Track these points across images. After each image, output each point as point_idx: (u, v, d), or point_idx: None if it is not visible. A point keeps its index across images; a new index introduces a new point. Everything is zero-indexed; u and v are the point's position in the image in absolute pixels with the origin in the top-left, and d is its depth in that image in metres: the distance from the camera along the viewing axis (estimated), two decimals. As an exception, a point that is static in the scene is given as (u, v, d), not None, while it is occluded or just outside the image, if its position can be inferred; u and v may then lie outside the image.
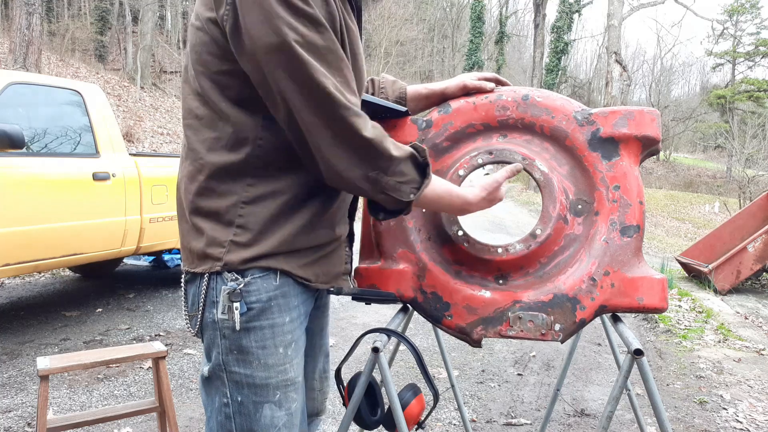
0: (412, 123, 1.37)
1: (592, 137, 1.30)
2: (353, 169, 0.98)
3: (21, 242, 3.44)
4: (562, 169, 1.31)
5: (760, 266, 6.32)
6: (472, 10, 29.43)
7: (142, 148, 12.09)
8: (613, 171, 1.29)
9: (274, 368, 1.03)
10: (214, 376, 1.04)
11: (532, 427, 2.75)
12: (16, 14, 9.71)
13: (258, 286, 1.01)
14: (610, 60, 17.12)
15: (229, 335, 1.01)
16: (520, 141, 1.33)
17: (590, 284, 1.26)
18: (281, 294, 1.03)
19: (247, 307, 1.00)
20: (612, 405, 1.22)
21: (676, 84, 49.16)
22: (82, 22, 22.42)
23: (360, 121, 0.96)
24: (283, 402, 1.05)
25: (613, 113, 1.31)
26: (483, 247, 1.29)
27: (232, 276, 1.00)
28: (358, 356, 3.36)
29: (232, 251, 0.99)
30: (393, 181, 1.01)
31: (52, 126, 3.87)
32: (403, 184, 1.02)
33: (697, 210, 20.48)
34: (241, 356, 1.02)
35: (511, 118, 1.33)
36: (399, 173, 1.01)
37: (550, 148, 1.32)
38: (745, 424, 2.88)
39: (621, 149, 1.30)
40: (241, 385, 1.02)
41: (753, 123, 22.87)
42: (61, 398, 2.86)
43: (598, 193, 1.29)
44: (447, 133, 1.35)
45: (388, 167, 1.00)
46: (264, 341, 1.02)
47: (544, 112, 1.32)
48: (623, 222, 1.28)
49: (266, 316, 1.02)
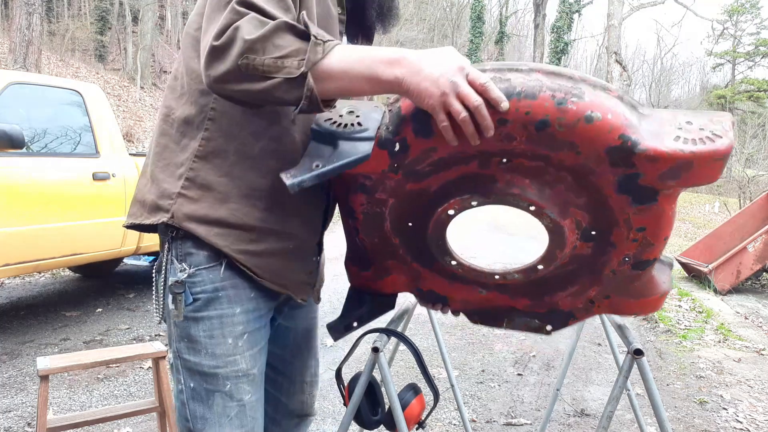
0: (379, 148, 0.98)
1: (626, 181, 0.95)
2: (221, 63, 0.86)
3: (21, 242, 3.44)
4: (579, 200, 1.02)
5: (760, 266, 6.32)
6: (472, 10, 29.41)
7: (142, 148, 12.10)
8: (641, 215, 1.00)
9: (222, 358, 1.05)
10: (172, 363, 1.08)
11: (532, 427, 2.75)
12: (16, 14, 9.71)
13: (203, 276, 1.03)
14: (610, 60, 17.11)
15: (179, 323, 1.04)
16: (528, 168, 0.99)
17: (588, 305, 1.23)
18: (231, 285, 1.04)
19: (193, 297, 1.02)
20: (612, 405, 1.21)
21: (676, 84, 49.19)
22: (82, 22, 22.42)
23: (239, 6, 0.86)
24: (234, 393, 1.06)
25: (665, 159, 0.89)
26: (479, 273, 1.20)
27: (181, 267, 1.02)
28: (358, 356, 3.36)
29: (179, 203, 1.02)
30: (269, 59, 0.84)
31: (52, 126, 3.87)
32: (284, 58, 0.85)
33: (697, 210, 20.47)
34: (191, 344, 1.04)
35: (518, 149, 0.95)
36: (274, 47, 0.85)
37: (567, 178, 0.99)
38: (745, 424, 2.88)
39: (660, 197, 0.97)
40: (192, 372, 1.05)
41: (753, 123, 22.87)
42: (61, 398, 2.86)
43: (618, 231, 1.05)
44: (429, 159, 0.99)
45: (256, 44, 0.84)
46: (212, 331, 1.04)
47: (566, 147, 0.92)
48: (639, 258, 1.09)
49: (214, 306, 1.04)
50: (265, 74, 0.85)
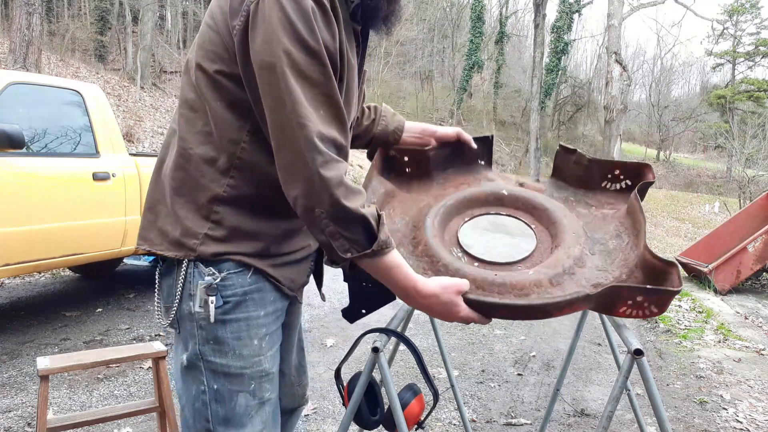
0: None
1: None
2: (302, 197, 0.98)
3: (21, 242, 3.44)
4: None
5: (760, 266, 6.32)
6: (472, 10, 29.40)
7: (142, 148, 12.09)
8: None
9: (249, 359, 1.09)
10: (192, 365, 1.09)
11: (532, 427, 2.75)
12: (16, 14, 9.71)
13: (234, 280, 1.07)
14: (610, 60, 17.11)
15: (205, 326, 1.06)
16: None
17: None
18: (256, 289, 1.09)
19: (224, 300, 1.06)
20: (612, 405, 1.21)
21: (676, 84, 49.13)
22: (82, 22, 22.42)
23: (320, 158, 0.96)
24: (257, 392, 1.11)
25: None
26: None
27: (209, 270, 1.05)
28: (358, 356, 3.36)
29: (205, 244, 1.05)
30: (334, 228, 0.99)
31: (52, 126, 3.87)
32: (344, 239, 1.00)
33: (697, 210, 20.48)
34: (217, 346, 1.07)
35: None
36: (344, 227, 0.99)
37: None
38: (745, 424, 2.88)
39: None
40: (217, 374, 1.08)
41: (753, 123, 22.82)
42: (61, 398, 2.86)
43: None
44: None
45: (333, 213, 0.98)
46: (239, 333, 1.08)
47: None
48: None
49: (241, 309, 1.08)
50: (324, 233, 0.99)
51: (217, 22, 1.03)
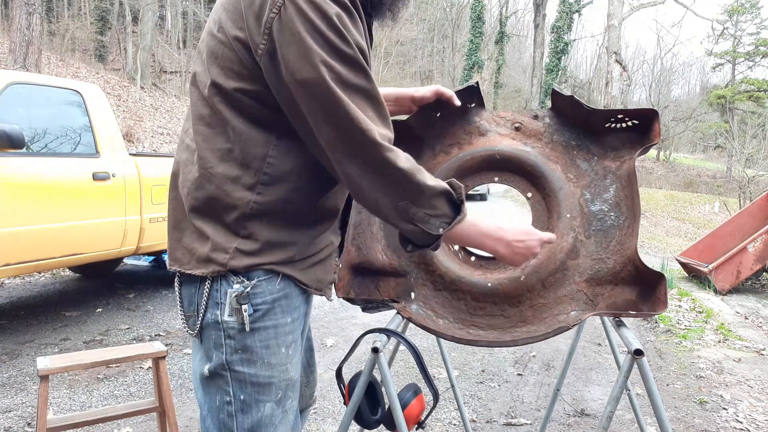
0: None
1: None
2: (382, 197, 1.01)
3: (21, 242, 3.44)
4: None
5: (760, 266, 6.32)
6: (472, 10, 29.41)
7: (142, 148, 12.09)
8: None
9: (277, 367, 1.07)
10: (217, 375, 1.05)
11: (532, 427, 2.75)
12: (16, 14, 9.71)
13: (263, 288, 1.04)
14: (610, 60, 17.12)
15: (234, 335, 1.03)
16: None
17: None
18: (284, 296, 1.07)
19: (253, 308, 1.03)
20: (612, 405, 1.21)
21: (676, 84, 49.18)
22: (82, 22, 22.42)
23: (392, 155, 0.99)
24: (282, 400, 1.09)
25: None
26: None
27: (238, 279, 1.02)
28: (358, 356, 3.36)
29: (236, 258, 1.02)
30: (422, 212, 1.03)
31: (52, 126, 3.87)
32: (433, 218, 1.04)
33: (697, 210, 20.47)
34: (246, 356, 1.04)
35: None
36: (430, 206, 1.03)
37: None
38: (745, 424, 2.88)
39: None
40: (244, 384, 1.05)
41: (753, 123, 22.83)
42: (61, 398, 2.86)
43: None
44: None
45: (419, 198, 1.01)
46: (268, 341, 1.05)
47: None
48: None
49: (270, 317, 1.05)
50: (413, 221, 1.03)
51: (229, 38, 0.99)
